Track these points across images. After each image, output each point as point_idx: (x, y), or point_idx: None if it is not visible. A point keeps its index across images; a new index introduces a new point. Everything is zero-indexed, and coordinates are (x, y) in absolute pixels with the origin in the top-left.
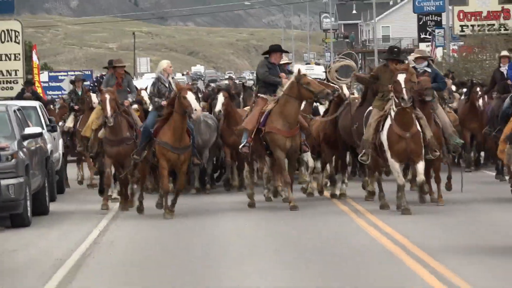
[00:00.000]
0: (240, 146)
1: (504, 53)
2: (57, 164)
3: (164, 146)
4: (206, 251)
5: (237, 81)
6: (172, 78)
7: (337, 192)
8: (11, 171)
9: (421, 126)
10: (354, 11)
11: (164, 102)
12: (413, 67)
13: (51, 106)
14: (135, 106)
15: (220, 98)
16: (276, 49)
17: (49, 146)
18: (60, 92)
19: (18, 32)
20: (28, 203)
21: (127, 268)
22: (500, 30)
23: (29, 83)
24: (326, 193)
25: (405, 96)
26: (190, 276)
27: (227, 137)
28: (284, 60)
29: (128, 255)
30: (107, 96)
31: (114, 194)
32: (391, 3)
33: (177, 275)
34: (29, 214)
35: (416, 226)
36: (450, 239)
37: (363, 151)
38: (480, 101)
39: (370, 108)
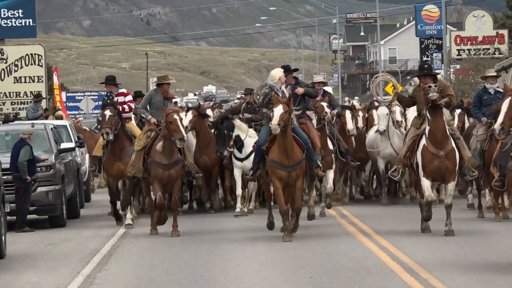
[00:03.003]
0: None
1: None
2: (84, 176)
3: (274, 165)
4: (217, 242)
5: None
6: (286, 87)
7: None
8: (50, 180)
9: (458, 146)
10: (362, 33)
11: None
12: (485, 87)
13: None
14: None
15: (189, 115)
16: (285, 70)
17: (78, 160)
18: (77, 112)
19: (41, 56)
20: (64, 207)
21: (151, 254)
22: (495, 54)
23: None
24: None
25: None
26: (204, 260)
27: (197, 157)
28: (319, 79)
29: (151, 245)
30: (177, 117)
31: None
32: (397, 25)
33: (193, 259)
34: (64, 216)
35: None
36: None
37: (395, 167)
38: None
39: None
